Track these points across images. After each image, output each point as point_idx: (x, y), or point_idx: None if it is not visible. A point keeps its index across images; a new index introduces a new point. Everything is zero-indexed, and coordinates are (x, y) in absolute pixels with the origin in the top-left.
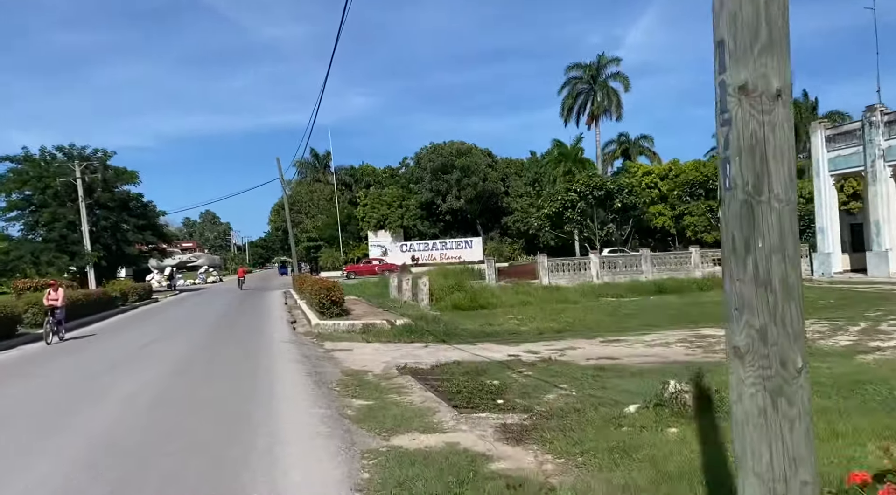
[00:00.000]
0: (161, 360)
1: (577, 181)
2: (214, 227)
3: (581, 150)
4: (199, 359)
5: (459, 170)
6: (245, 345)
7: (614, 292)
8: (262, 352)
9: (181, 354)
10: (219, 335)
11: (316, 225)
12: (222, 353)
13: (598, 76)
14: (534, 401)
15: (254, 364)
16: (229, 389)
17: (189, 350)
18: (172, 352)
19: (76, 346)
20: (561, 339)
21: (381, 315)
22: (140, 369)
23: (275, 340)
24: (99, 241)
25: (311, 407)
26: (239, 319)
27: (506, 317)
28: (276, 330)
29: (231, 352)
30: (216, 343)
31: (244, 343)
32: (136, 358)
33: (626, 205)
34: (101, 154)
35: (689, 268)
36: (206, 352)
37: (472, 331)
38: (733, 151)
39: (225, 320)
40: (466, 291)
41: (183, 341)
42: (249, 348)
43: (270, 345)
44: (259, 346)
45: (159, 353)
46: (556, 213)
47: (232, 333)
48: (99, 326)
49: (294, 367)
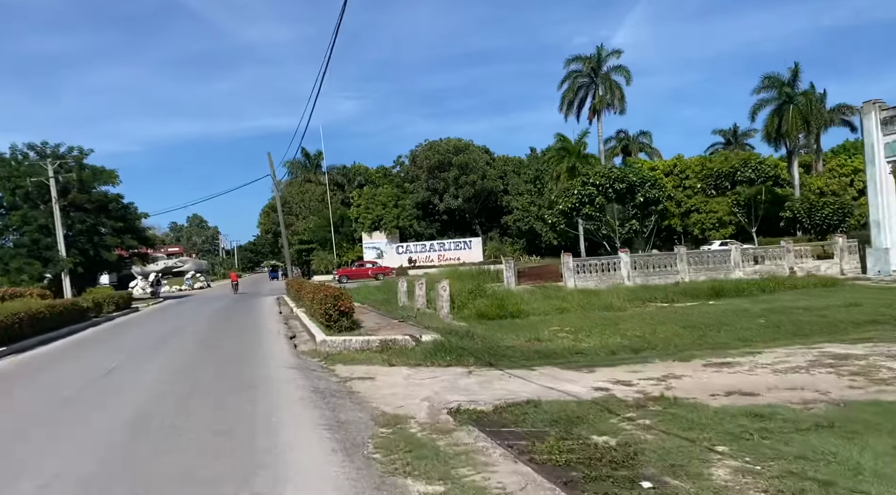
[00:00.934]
0: (120, 400)
1: (596, 173)
2: (202, 232)
3: (585, 145)
4: (172, 396)
5: (457, 168)
6: (235, 371)
7: (659, 296)
8: (258, 383)
9: (148, 389)
10: (202, 357)
11: (307, 227)
12: (205, 386)
13: (598, 69)
14: (702, 487)
15: (248, 407)
16: (213, 458)
17: (161, 381)
18: (138, 386)
19: (10, 377)
20: (645, 362)
21: (398, 327)
22: (83, 419)
23: (273, 364)
24: (75, 246)
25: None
26: (228, 333)
27: (549, 328)
28: (273, 348)
29: (217, 384)
30: (198, 369)
31: (234, 368)
32: (86, 397)
33: (647, 199)
34: (76, 152)
35: (729, 267)
36: (184, 383)
37: (520, 350)
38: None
39: (211, 335)
40: (492, 297)
41: (155, 366)
42: (241, 377)
43: (268, 373)
44: (254, 374)
45: (120, 388)
46: (573, 209)
47: (219, 353)
48: (60, 345)
49: (306, 413)
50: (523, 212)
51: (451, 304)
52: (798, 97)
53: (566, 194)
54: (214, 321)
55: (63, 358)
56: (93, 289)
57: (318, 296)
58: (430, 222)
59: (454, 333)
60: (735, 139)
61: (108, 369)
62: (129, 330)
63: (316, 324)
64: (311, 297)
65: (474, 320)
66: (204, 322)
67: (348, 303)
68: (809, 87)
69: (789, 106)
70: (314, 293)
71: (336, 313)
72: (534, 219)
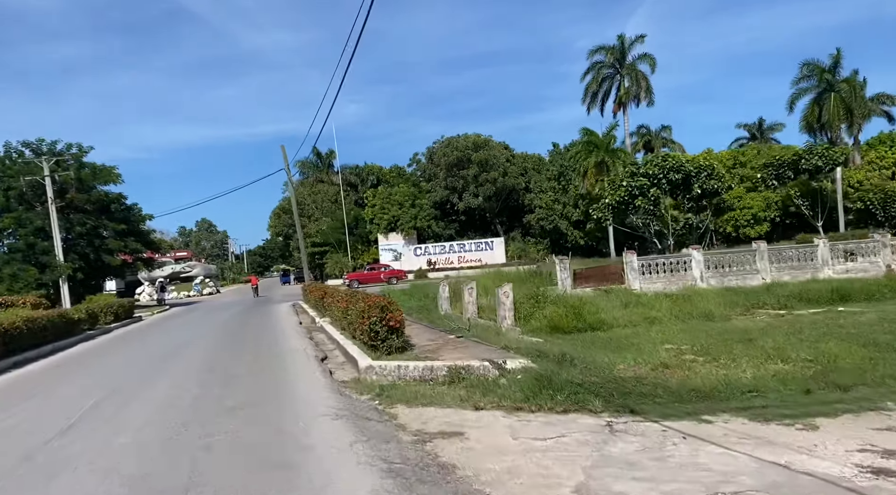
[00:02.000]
0: (76, 484)
1: (649, 162)
2: (211, 236)
3: (614, 139)
4: (161, 477)
5: (477, 165)
6: (256, 431)
7: (752, 300)
8: (293, 457)
9: (116, 472)
10: (207, 397)
11: (320, 228)
12: (209, 465)
13: (623, 59)
14: None
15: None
16: None
17: (140, 451)
18: (100, 464)
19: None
20: (879, 409)
21: (462, 347)
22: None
23: (309, 408)
24: (74, 250)
25: None
26: (241, 354)
27: (660, 346)
28: (302, 377)
29: (228, 460)
30: (201, 422)
31: (254, 420)
32: (26, 482)
33: (705, 191)
34: (75, 150)
35: (816, 265)
36: (176, 457)
37: (653, 384)
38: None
39: (220, 357)
40: (564, 305)
41: (138, 415)
42: (266, 442)
43: (306, 427)
44: (283, 430)
45: (71, 466)
46: (621, 203)
47: (231, 390)
48: (32, 370)
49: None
50: (547, 210)
51: (515, 314)
52: (840, 85)
53: (612, 186)
54: (224, 335)
55: (17, 395)
56: (93, 296)
57: (357, 306)
58: (449, 222)
59: (542, 356)
60: (761, 134)
61: (69, 423)
62: (122, 348)
63: (354, 343)
64: (342, 307)
65: (546, 334)
66: (212, 337)
67: (399, 316)
68: (851, 74)
69: (830, 94)
70: (348, 302)
71: (384, 330)
72: (558, 218)
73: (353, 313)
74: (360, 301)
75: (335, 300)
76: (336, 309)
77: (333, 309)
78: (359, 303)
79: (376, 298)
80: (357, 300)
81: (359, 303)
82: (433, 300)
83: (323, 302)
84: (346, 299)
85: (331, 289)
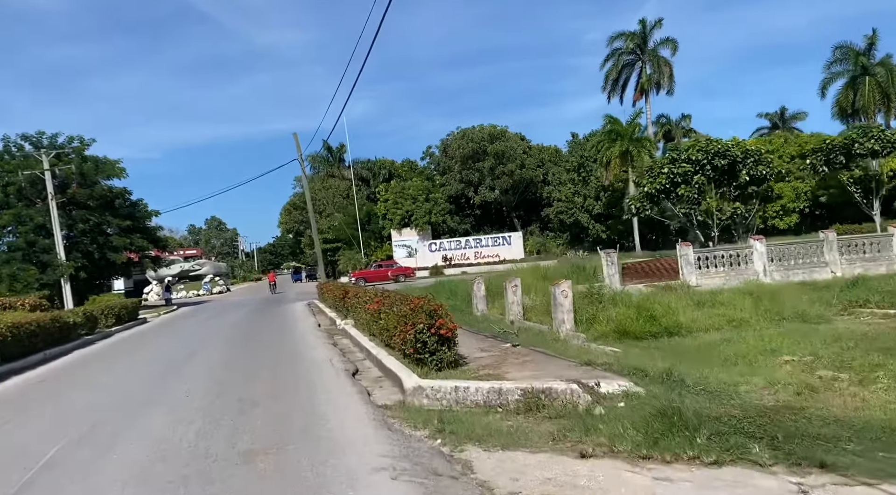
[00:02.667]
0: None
1: (691, 146)
2: (221, 234)
3: (638, 127)
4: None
5: (493, 157)
6: (280, 491)
7: (861, 298)
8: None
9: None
10: (213, 434)
11: (332, 224)
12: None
13: (644, 45)
14: None
15: None
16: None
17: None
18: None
19: None
20: None
21: (528, 361)
22: None
23: (351, 454)
24: (77, 248)
25: None
26: (255, 368)
27: (775, 358)
28: (335, 402)
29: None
30: (203, 475)
31: (277, 485)
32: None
33: (752, 177)
34: (77, 143)
35: (892, 257)
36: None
37: (839, 423)
38: None
39: (229, 372)
40: (634, 306)
41: (124, 462)
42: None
43: (352, 490)
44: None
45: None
46: (661, 192)
47: (244, 425)
48: (12, 385)
49: None
50: (567, 203)
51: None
52: (876, 68)
53: (651, 174)
54: (235, 342)
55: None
56: (97, 296)
57: (396, 309)
58: (464, 217)
59: (639, 373)
60: (783, 122)
61: (18, 484)
62: (118, 358)
63: (390, 354)
64: (372, 310)
65: (614, 340)
66: (221, 344)
67: (451, 323)
68: (885, 57)
69: (865, 78)
70: (380, 303)
71: (433, 340)
72: (579, 211)
73: (390, 318)
74: (399, 302)
75: (361, 301)
76: (362, 311)
77: (358, 311)
78: (397, 306)
79: (419, 300)
80: (393, 301)
81: (396, 305)
82: (463, 299)
83: (344, 302)
84: (378, 300)
85: (355, 289)
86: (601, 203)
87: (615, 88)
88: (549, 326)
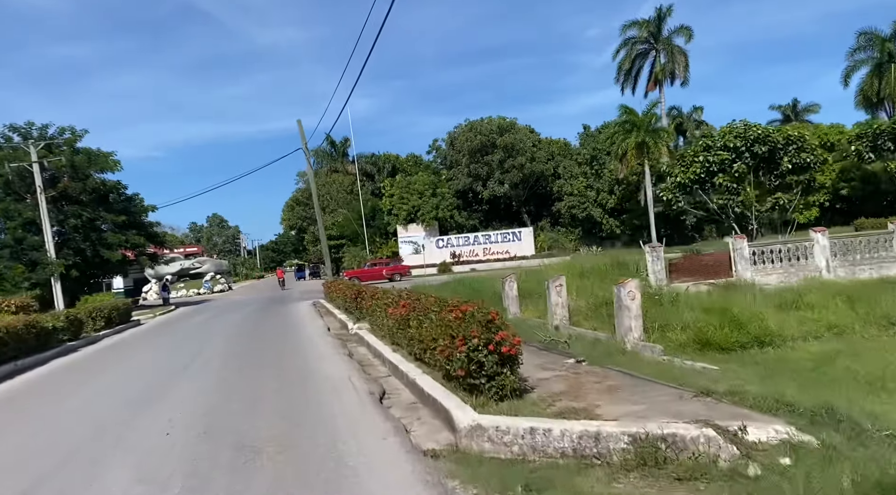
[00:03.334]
0: None
1: (728, 132)
2: (223, 231)
3: (655, 117)
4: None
5: (502, 150)
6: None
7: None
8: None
9: None
10: (205, 491)
11: (336, 221)
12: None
13: (658, 33)
14: None
15: None
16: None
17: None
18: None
19: None
20: None
21: (612, 387)
22: None
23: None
24: (68, 245)
25: None
26: (257, 394)
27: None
28: (361, 445)
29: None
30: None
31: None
32: None
33: (795, 165)
34: (68, 134)
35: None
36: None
37: None
38: None
39: (226, 398)
40: (715, 311)
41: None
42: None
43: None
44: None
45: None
46: (696, 182)
47: (241, 478)
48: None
49: None
50: (579, 197)
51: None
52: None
53: (683, 162)
54: (234, 350)
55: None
56: (90, 296)
57: (435, 317)
58: (472, 212)
59: (784, 408)
60: (795, 115)
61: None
62: (97, 372)
63: (427, 374)
64: (399, 315)
65: (694, 351)
66: (217, 354)
67: (516, 338)
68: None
69: (891, 65)
70: (408, 307)
71: (493, 360)
72: (591, 205)
73: (428, 327)
74: (436, 307)
75: (380, 303)
76: (381, 314)
77: (377, 314)
78: (434, 312)
79: (466, 306)
80: (427, 306)
81: (433, 310)
82: (490, 299)
83: (358, 303)
84: (406, 303)
85: (371, 288)
86: (615, 197)
87: (628, 79)
88: (607, 334)
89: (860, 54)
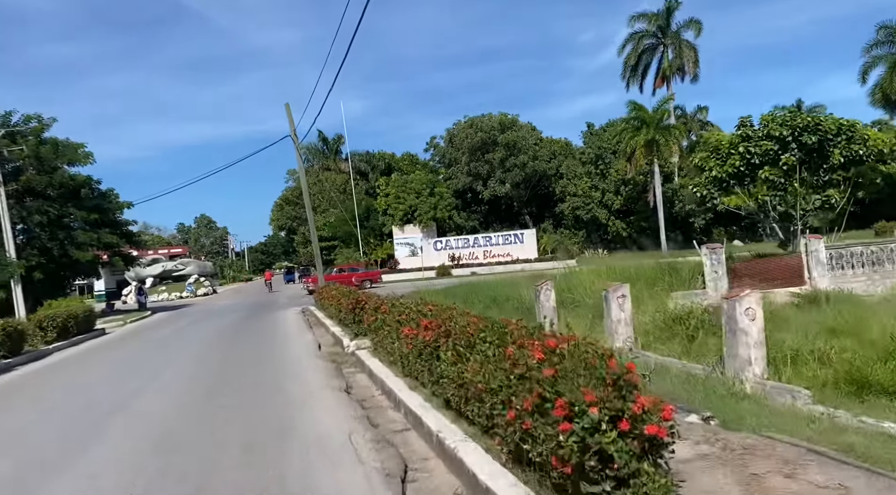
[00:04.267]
0: None
1: (771, 120)
2: (210, 233)
3: (666, 113)
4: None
5: (503, 148)
6: None
7: None
8: None
9: None
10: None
11: (328, 221)
12: None
13: (667, 27)
14: None
15: None
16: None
17: None
18: None
19: None
20: None
21: (817, 484)
22: None
23: None
24: (32, 244)
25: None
26: (217, 455)
27: None
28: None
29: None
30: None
31: None
32: None
33: (846, 158)
34: (35, 122)
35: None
36: None
37: None
38: None
39: (174, 449)
40: (849, 335)
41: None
42: None
43: None
44: None
45: None
46: (733, 176)
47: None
48: None
49: None
50: (584, 198)
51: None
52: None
53: (717, 155)
54: (200, 378)
55: None
56: (55, 301)
57: (494, 353)
58: (471, 213)
59: None
60: None
61: None
62: (14, 409)
63: (478, 442)
64: (425, 340)
65: (846, 395)
66: (180, 381)
67: (665, 408)
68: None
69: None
70: (437, 329)
71: (628, 452)
72: (596, 207)
73: (485, 372)
74: (496, 336)
75: (390, 319)
76: (391, 334)
77: (384, 333)
78: (490, 344)
79: (563, 338)
80: (474, 332)
81: (479, 341)
82: (514, 309)
83: (356, 314)
84: (431, 323)
85: (375, 298)
86: (621, 198)
87: (634, 75)
88: (702, 364)
89: (878, 50)
